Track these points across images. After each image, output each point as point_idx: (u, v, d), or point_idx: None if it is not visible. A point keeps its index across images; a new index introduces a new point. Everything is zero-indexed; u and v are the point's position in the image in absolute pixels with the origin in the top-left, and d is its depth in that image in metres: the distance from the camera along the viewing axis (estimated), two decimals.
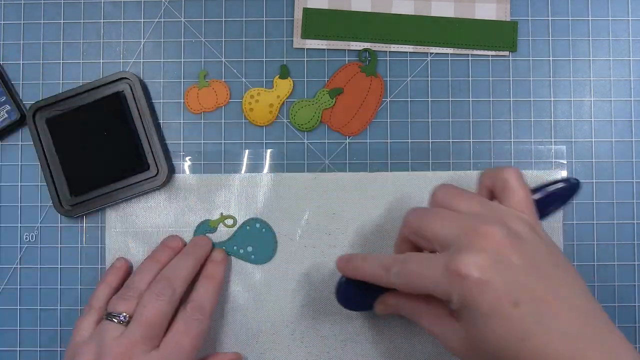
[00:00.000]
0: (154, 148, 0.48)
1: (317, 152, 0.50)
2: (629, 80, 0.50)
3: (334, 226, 0.49)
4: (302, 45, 0.50)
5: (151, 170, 0.48)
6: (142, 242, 0.49)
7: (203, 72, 0.50)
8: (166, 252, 0.47)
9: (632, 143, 0.50)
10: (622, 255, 0.50)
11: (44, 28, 0.51)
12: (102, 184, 0.48)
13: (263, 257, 0.49)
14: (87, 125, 0.48)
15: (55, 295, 0.49)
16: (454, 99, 0.50)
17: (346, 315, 0.49)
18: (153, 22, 0.50)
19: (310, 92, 0.50)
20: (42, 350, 0.49)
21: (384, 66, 0.50)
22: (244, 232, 0.49)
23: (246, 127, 0.50)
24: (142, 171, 0.48)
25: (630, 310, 0.50)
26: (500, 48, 0.50)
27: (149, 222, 0.49)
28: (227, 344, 0.49)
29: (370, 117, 0.50)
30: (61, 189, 0.48)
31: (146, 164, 0.48)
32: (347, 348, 0.49)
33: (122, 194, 0.48)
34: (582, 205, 0.50)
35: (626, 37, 0.51)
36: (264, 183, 0.49)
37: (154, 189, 0.48)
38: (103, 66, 0.50)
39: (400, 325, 0.49)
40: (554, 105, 0.50)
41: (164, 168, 0.48)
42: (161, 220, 0.49)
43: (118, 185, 0.48)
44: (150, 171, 0.48)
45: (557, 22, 0.51)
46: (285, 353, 0.49)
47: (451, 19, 0.50)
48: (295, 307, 0.49)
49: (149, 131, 0.48)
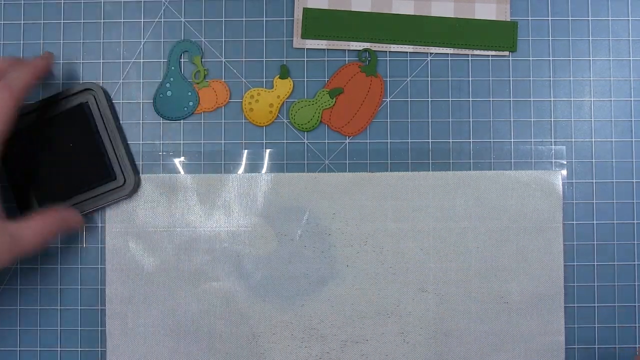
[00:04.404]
0: (120, 158, 0.48)
1: (317, 152, 0.50)
2: (629, 80, 0.50)
3: (334, 226, 0.49)
4: (302, 45, 0.50)
5: (118, 180, 0.48)
6: (142, 242, 0.49)
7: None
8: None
9: (632, 143, 0.50)
10: (622, 255, 0.50)
11: (44, 28, 0.51)
12: (69, 196, 0.48)
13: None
14: (52, 137, 0.48)
15: (55, 296, 0.49)
16: (454, 99, 0.50)
17: (346, 315, 0.49)
18: (153, 22, 0.50)
19: (310, 92, 0.50)
20: (42, 350, 0.49)
21: (384, 66, 0.50)
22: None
23: (246, 127, 0.50)
24: (109, 181, 0.48)
25: (630, 310, 0.50)
26: (500, 48, 0.50)
27: (149, 222, 0.49)
28: (227, 344, 0.49)
29: (370, 117, 0.50)
30: (29, 201, 0.48)
31: (113, 174, 0.48)
32: (347, 348, 0.49)
33: (90, 204, 0.48)
34: (582, 205, 0.50)
35: (626, 37, 0.51)
36: (264, 183, 0.49)
37: (122, 198, 0.48)
38: (103, 66, 0.50)
39: (399, 325, 0.49)
40: (554, 105, 0.50)
41: (131, 177, 0.48)
42: (161, 220, 0.49)
43: (85, 196, 0.48)
44: (117, 181, 0.48)
45: (557, 22, 0.51)
46: (285, 353, 0.49)
47: (451, 19, 0.50)
48: (295, 307, 0.49)
49: (115, 141, 0.48)
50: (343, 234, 0.49)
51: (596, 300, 0.50)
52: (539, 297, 0.49)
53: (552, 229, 0.49)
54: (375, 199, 0.49)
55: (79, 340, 0.49)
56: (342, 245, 0.49)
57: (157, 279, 0.49)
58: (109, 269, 0.49)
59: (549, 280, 0.49)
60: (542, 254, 0.49)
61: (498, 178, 0.49)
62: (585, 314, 0.49)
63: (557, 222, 0.49)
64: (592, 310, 0.50)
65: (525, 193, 0.49)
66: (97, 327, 0.49)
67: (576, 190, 0.50)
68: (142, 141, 0.50)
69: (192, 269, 0.49)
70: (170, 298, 0.49)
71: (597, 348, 0.49)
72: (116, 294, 0.49)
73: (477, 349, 0.49)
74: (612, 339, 0.50)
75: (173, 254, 0.49)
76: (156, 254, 0.49)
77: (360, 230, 0.49)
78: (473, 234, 0.49)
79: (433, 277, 0.49)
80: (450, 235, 0.49)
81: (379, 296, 0.49)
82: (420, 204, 0.49)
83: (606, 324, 0.50)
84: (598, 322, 0.49)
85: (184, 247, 0.49)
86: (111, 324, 0.49)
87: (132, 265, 0.49)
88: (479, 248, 0.49)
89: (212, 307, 0.49)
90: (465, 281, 0.49)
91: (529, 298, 0.49)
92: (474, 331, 0.49)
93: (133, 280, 0.49)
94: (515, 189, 0.49)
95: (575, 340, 0.49)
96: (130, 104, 0.50)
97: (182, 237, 0.49)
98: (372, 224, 0.49)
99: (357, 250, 0.49)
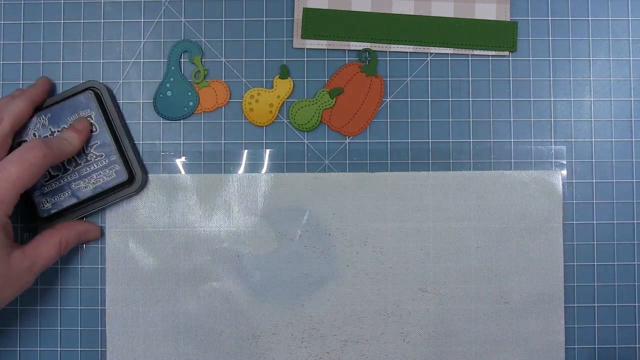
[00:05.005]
0: (128, 155, 0.48)
1: (317, 152, 0.50)
2: (629, 80, 0.50)
3: (334, 226, 0.49)
4: (302, 45, 0.50)
5: (126, 177, 0.48)
6: (142, 242, 0.49)
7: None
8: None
9: (632, 143, 0.50)
10: (622, 255, 0.50)
11: (44, 28, 0.51)
12: (78, 196, 0.48)
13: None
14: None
15: (56, 296, 0.49)
16: (454, 99, 0.50)
17: (346, 315, 0.49)
18: (153, 22, 0.50)
19: (310, 92, 0.50)
20: (42, 350, 0.49)
21: (384, 66, 0.50)
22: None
23: (246, 127, 0.50)
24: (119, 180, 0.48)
25: (630, 310, 0.50)
26: (500, 48, 0.50)
27: (149, 222, 0.49)
28: (227, 344, 0.49)
29: (370, 117, 0.50)
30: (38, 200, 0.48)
31: (123, 172, 0.48)
32: (347, 348, 0.49)
33: (98, 203, 0.48)
34: (582, 205, 0.50)
35: (626, 37, 0.51)
36: (264, 183, 0.49)
37: (130, 195, 0.48)
38: (103, 66, 0.50)
39: (399, 325, 0.49)
40: (554, 105, 0.50)
41: (139, 174, 0.48)
42: (161, 220, 0.49)
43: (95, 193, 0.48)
44: (125, 178, 0.48)
45: (557, 22, 0.51)
46: (286, 353, 0.49)
47: (451, 19, 0.50)
48: (296, 307, 0.49)
49: (121, 138, 0.48)
50: (343, 234, 0.49)
51: (596, 300, 0.50)
52: (539, 297, 0.49)
53: (552, 229, 0.49)
54: (375, 199, 0.49)
55: (79, 340, 0.49)
56: (342, 245, 0.49)
57: (157, 279, 0.49)
58: (109, 269, 0.49)
59: (549, 280, 0.49)
60: (542, 254, 0.49)
61: (498, 178, 0.49)
62: (585, 314, 0.49)
63: (557, 222, 0.49)
64: (592, 310, 0.50)
65: (525, 193, 0.49)
66: (97, 327, 0.49)
67: (576, 190, 0.50)
68: (142, 141, 0.50)
69: (192, 269, 0.49)
70: (170, 298, 0.49)
71: (597, 348, 0.49)
72: (116, 294, 0.49)
73: (477, 349, 0.49)
74: (612, 339, 0.50)
75: (173, 254, 0.49)
76: (156, 254, 0.49)
77: (360, 230, 0.49)
78: (473, 234, 0.49)
79: (433, 277, 0.49)
80: (450, 235, 0.49)
81: (379, 296, 0.49)
82: (420, 204, 0.49)
83: (606, 324, 0.50)
84: (598, 322, 0.50)
85: (184, 247, 0.49)
86: (111, 324, 0.49)
87: (132, 265, 0.49)
88: (479, 248, 0.49)
89: (212, 307, 0.49)
90: (465, 281, 0.49)
91: (529, 298, 0.49)
92: (474, 331, 0.49)
93: (133, 280, 0.49)
94: (515, 189, 0.49)
95: (575, 340, 0.49)
96: (130, 104, 0.50)
97: (182, 237, 0.49)
98: (372, 224, 0.49)
99: (357, 250, 0.49)
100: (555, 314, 0.49)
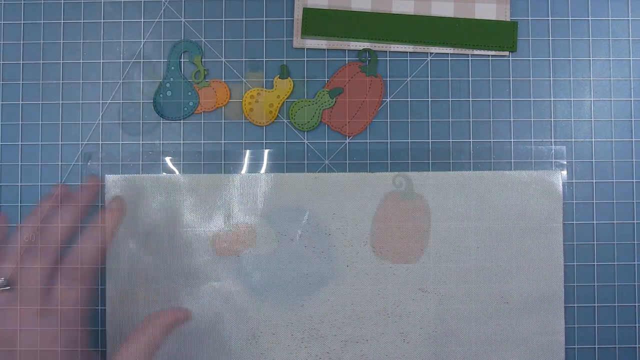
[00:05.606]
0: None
1: (317, 152, 0.50)
2: (629, 80, 0.50)
3: (334, 226, 0.49)
4: (302, 45, 0.50)
5: None
6: (142, 242, 0.49)
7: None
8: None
9: (632, 143, 0.50)
10: (622, 255, 0.50)
11: (44, 28, 0.51)
12: None
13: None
14: None
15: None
16: (454, 99, 0.50)
17: (346, 315, 0.49)
18: (153, 22, 0.50)
19: (310, 92, 0.50)
20: (42, 350, 0.49)
21: (384, 66, 0.50)
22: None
23: (246, 127, 0.50)
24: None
25: (630, 310, 0.50)
26: (500, 48, 0.50)
27: (149, 222, 0.49)
28: (227, 344, 0.49)
29: (370, 117, 0.50)
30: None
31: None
32: (347, 348, 0.49)
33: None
34: (582, 205, 0.50)
35: (626, 37, 0.51)
36: (264, 183, 0.49)
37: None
38: (103, 66, 0.50)
39: (399, 325, 0.49)
40: (554, 105, 0.50)
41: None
42: (161, 221, 0.49)
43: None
44: None
45: (557, 22, 0.51)
46: (286, 353, 0.49)
47: (451, 18, 0.50)
48: (295, 307, 0.49)
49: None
50: (343, 234, 0.49)
51: (596, 300, 0.50)
52: (539, 297, 0.49)
53: (552, 229, 0.49)
54: (375, 199, 0.49)
55: (79, 340, 0.49)
56: (342, 245, 0.49)
57: (157, 279, 0.49)
58: (109, 268, 0.49)
59: (549, 280, 0.49)
60: (542, 254, 0.49)
61: (498, 178, 0.49)
62: (585, 314, 0.49)
63: (557, 222, 0.49)
64: (592, 310, 0.50)
65: (525, 193, 0.49)
66: (97, 327, 0.49)
67: (576, 190, 0.50)
68: (142, 141, 0.50)
69: (192, 269, 0.49)
70: (170, 298, 0.49)
71: (597, 348, 0.49)
72: (116, 294, 0.49)
73: (477, 349, 0.49)
74: (612, 339, 0.50)
75: (173, 254, 0.49)
76: (156, 254, 0.49)
77: (360, 230, 0.49)
78: (473, 234, 0.49)
79: (433, 277, 0.49)
80: (450, 235, 0.49)
81: (379, 296, 0.49)
82: (420, 203, 0.49)
83: (606, 324, 0.50)
84: (598, 322, 0.50)
85: (184, 247, 0.49)
86: (111, 323, 0.49)
87: (132, 265, 0.49)
88: (479, 248, 0.49)
89: (212, 307, 0.49)
90: (465, 281, 0.49)
91: (529, 298, 0.49)
92: (474, 331, 0.49)
93: (133, 280, 0.49)
94: (515, 189, 0.49)
95: (575, 340, 0.49)
96: (130, 104, 0.50)
97: (182, 237, 0.49)
98: (373, 224, 0.49)
99: (357, 250, 0.49)
100: (555, 314, 0.49)
